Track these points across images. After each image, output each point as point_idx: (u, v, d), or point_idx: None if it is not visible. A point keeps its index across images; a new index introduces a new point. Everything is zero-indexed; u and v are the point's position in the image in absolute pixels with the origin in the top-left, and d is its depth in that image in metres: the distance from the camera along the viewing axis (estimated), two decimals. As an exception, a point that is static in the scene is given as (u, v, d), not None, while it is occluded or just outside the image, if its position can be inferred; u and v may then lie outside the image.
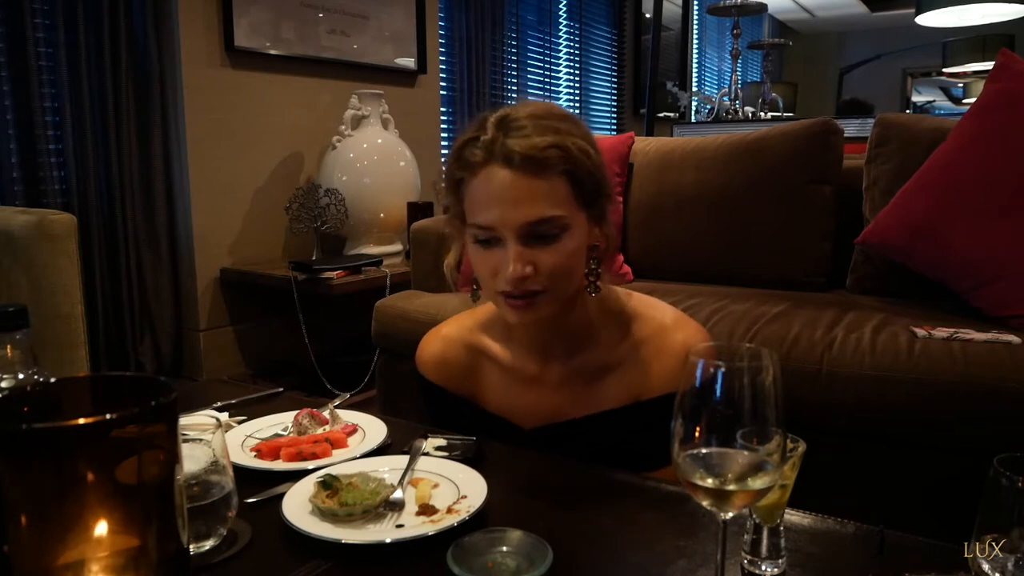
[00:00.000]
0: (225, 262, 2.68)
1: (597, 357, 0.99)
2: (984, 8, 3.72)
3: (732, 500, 0.57)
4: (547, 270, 0.87)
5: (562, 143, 0.86)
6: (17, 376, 0.80)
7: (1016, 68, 1.64)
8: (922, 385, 1.32)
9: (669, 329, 0.98)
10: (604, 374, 0.99)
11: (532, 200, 0.85)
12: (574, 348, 1.00)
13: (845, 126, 2.07)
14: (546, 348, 1.01)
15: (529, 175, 0.85)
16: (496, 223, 0.86)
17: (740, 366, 0.56)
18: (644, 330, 0.98)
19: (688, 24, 5.88)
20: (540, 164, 0.85)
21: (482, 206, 0.88)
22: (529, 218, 0.85)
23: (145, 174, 2.46)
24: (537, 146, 0.85)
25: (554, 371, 1.01)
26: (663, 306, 1.02)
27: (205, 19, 2.55)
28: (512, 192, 0.85)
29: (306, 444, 0.94)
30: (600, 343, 0.99)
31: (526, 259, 0.86)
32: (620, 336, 0.99)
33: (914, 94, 8.30)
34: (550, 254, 0.87)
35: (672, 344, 0.96)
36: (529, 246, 0.87)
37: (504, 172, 0.86)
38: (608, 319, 1.00)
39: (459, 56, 3.67)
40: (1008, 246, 1.53)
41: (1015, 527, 0.53)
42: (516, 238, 0.86)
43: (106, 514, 0.46)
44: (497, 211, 0.86)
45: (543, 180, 0.85)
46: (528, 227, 0.86)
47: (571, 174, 0.87)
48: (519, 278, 0.86)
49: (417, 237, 2.19)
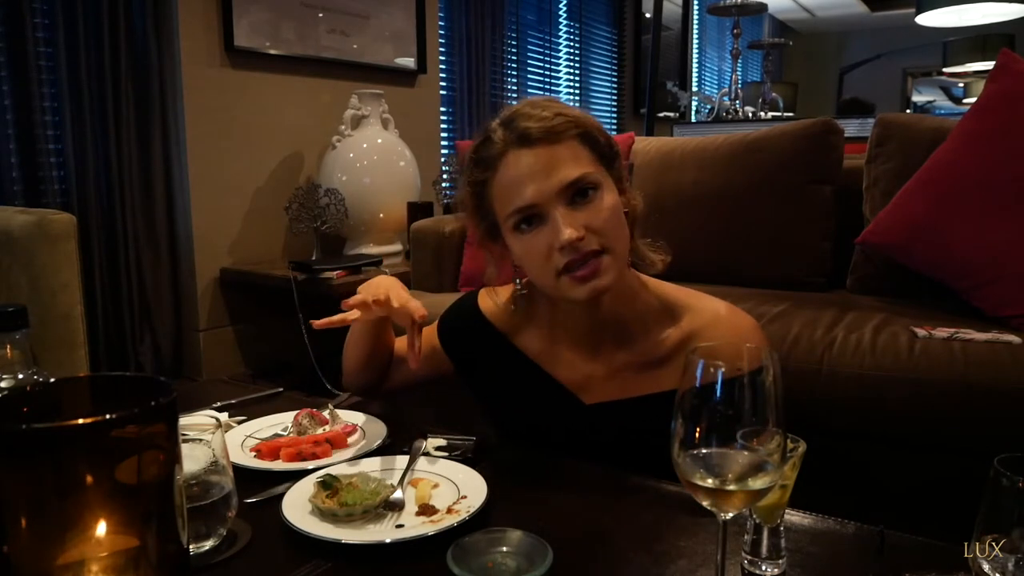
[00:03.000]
0: (225, 262, 2.68)
1: (648, 349, 0.98)
2: (984, 8, 3.71)
3: (732, 500, 0.57)
4: (598, 227, 0.89)
5: (566, 112, 0.92)
6: (17, 376, 0.80)
7: (1016, 68, 1.64)
8: (922, 385, 1.32)
9: (724, 319, 0.98)
10: (656, 366, 0.98)
11: (561, 165, 0.89)
12: (622, 340, 0.99)
13: (845, 126, 2.07)
14: (595, 341, 1.00)
15: (549, 145, 0.89)
16: (535, 198, 0.89)
17: (740, 366, 0.56)
18: (697, 321, 0.98)
19: (688, 24, 5.88)
20: (555, 133, 0.89)
21: (515, 190, 0.90)
22: (564, 181, 0.88)
23: (145, 174, 2.46)
24: (546, 118, 0.90)
25: (600, 367, 1.00)
26: (713, 298, 1.02)
27: (205, 19, 2.55)
28: (540, 165, 0.89)
29: (306, 444, 0.94)
30: (650, 334, 0.99)
31: (574, 222, 0.88)
32: (672, 328, 0.98)
33: (914, 94, 8.30)
34: (594, 212, 0.89)
35: (728, 333, 0.96)
36: (575, 209, 0.89)
37: (525, 151, 0.90)
38: (658, 311, 0.99)
39: (459, 56, 3.67)
40: (1008, 246, 1.53)
41: (1015, 527, 0.53)
42: (558, 204, 0.89)
43: (106, 514, 0.46)
44: (532, 187, 0.89)
45: (562, 146, 0.90)
46: (566, 191, 0.89)
47: (584, 136, 0.91)
48: (576, 239, 0.87)
49: (417, 237, 2.19)
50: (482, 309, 1.09)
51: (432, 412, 1.68)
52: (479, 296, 1.11)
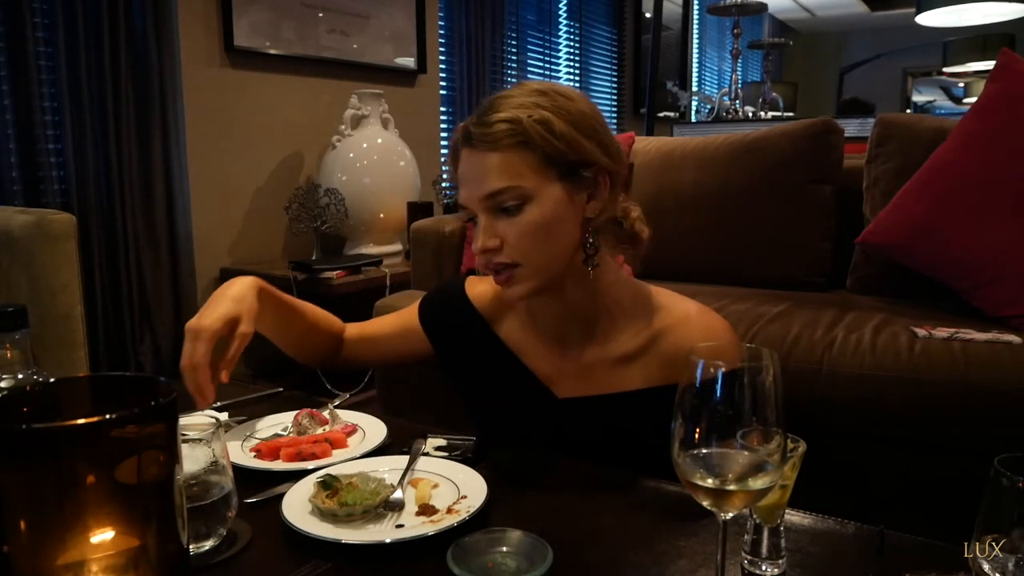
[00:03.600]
0: (225, 262, 2.68)
1: (618, 346, 0.98)
2: (984, 8, 3.71)
3: (732, 500, 0.57)
4: (512, 241, 0.90)
5: (514, 116, 0.88)
6: (17, 376, 0.80)
7: (1016, 68, 1.64)
8: (922, 385, 1.32)
9: (695, 318, 0.98)
10: (624, 363, 0.98)
11: (485, 174, 0.89)
12: (590, 335, 0.99)
13: (845, 126, 2.07)
14: (562, 333, 1.01)
15: (482, 151, 0.89)
16: (464, 201, 0.92)
17: (740, 366, 0.56)
18: (668, 319, 0.98)
19: (688, 24, 5.89)
20: (490, 140, 0.89)
21: (459, 186, 0.94)
22: (483, 191, 0.89)
23: (145, 174, 2.46)
24: (487, 123, 0.89)
25: (571, 361, 1.00)
26: (686, 298, 1.02)
27: (205, 19, 2.55)
28: (470, 169, 0.91)
29: (306, 444, 0.94)
30: (619, 331, 0.99)
31: (491, 232, 0.90)
32: (643, 325, 0.98)
33: (914, 94, 8.31)
34: (513, 226, 0.90)
35: (697, 333, 0.96)
36: (496, 219, 0.90)
37: (466, 152, 0.91)
38: (630, 308, 0.99)
39: (459, 56, 3.67)
40: (1008, 246, 1.53)
41: (1015, 527, 0.52)
42: (483, 211, 0.91)
43: (106, 514, 0.46)
44: (465, 189, 0.92)
45: (496, 154, 0.89)
46: (485, 201, 0.90)
47: (527, 145, 0.88)
48: (483, 250, 0.90)
49: (417, 237, 2.19)
50: (468, 293, 1.09)
51: (432, 413, 1.68)
52: (468, 279, 1.11)
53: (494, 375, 1.05)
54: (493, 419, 1.07)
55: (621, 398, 0.97)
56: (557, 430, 0.99)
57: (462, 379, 1.10)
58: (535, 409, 1.01)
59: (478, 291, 1.09)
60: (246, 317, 0.94)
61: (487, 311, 1.07)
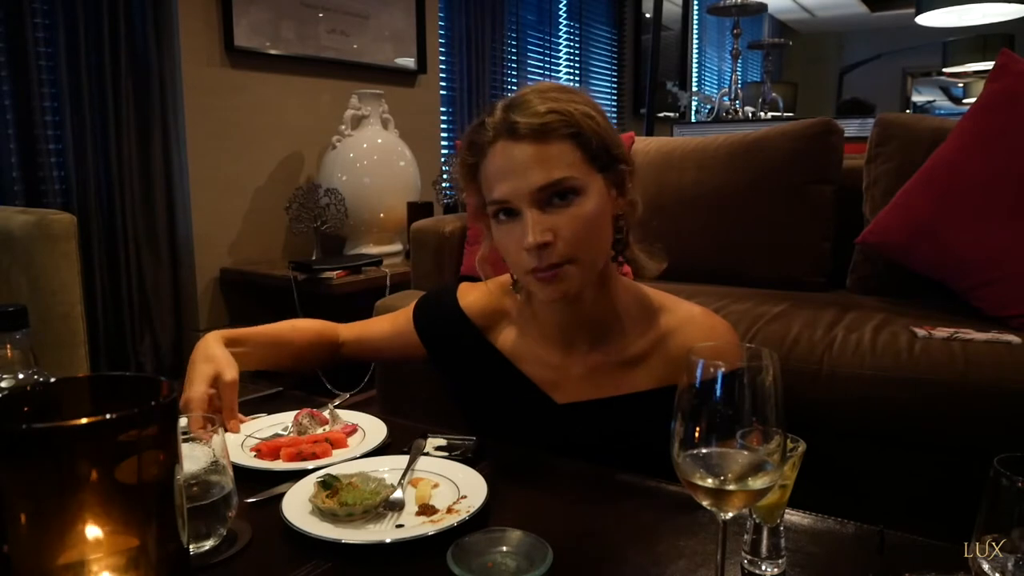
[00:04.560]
0: (225, 262, 2.68)
1: (622, 348, 0.98)
2: (984, 8, 3.71)
3: (732, 500, 0.57)
4: (567, 235, 0.87)
5: (562, 108, 0.88)
6: (17, 376, 0.80)
7: (1016, 68, 1.64)
8: (922, 385, 1.32)
9: (698, 319, 0.99)
10: (630, 366, 0.98)
11: (540, 166, 0.87)
12: (598, 339, 0.99)
13: (845, 126, 2.07)
14: (569, 338, 1.00)
15: (535, 143, 0.87)
16: (510, 194, 0.88)
17: (740, 366, 0.56)
18: (672, 321, 0.98)
19: (688, 24, 5.89)
20: (543, 131, 0.87)
21: (496, 181, 0.90)
22: (539, 183, 0.87)
23: (145, 174, 2.46)
24: (538, 113, 0.88)
25: (575, 365, 1.00)
26: (689, 302, 1.03)
27: (205, 19, 2.55)
28: (521, 161, 0.87)
29: (306, 444, 0.94)
30: (625, 335, 0.99)
31: (544, 226, 0.87)
32: (646, 328, 0.99)
33: (914, 94, 8.31)
34: (568, 218, 0.88)
35: (702, 334, 0.96)
36: (546, 213, 0.88)
37: (511, 144, 0.88)
38: (634, 311, 0.99)
39: (459, 56, 3.67)
40: (1008, 246, 1.53)
41: (1015, 527, 0.52)
42: (531, 205, 0.87)
43: (106, 514, 0.46)
44: (510, 182, 0.88)
45: (549, 145, 0.87)
46: (540, 192, 0.87)
47: (576, 137, 0.89)
48: (539, 245, 0.86)
49: (417, 237, 2.19)
50: (461, 303, 1.09)
51: (432, 413, 1.68)
52: (460, 288, 1.11)
53: (491, 384, 1.05)
54: (491, 428, 1.06)
55: (628, 400, 0.97)
56: (556, 436, 0.99)
57: (460, 388, 1.10)
58: (534, 416, 1.01)
59: (470, 300, 1.08)
60: (225, 367, 0.97)
61: (480, 320, 1.07)
